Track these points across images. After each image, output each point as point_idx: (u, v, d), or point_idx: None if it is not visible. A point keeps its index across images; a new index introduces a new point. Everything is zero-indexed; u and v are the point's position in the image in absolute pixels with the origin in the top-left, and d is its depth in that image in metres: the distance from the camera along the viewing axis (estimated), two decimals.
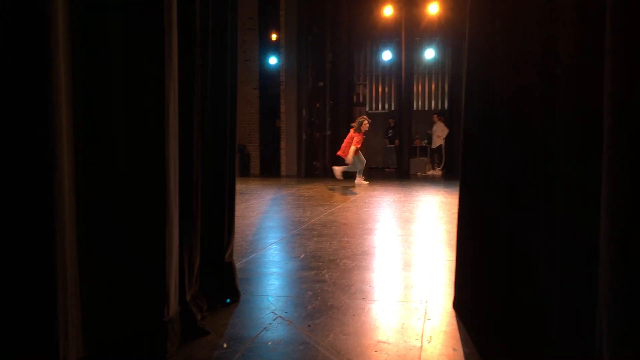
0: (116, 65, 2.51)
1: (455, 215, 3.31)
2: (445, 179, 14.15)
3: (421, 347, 2.83)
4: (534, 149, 2.53)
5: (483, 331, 2.97)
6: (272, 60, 15.33)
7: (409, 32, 16.47)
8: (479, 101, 3.15)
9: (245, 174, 15.08)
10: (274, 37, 15.17)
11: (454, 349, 2.81)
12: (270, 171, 15.32)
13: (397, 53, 16.89)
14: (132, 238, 2.57)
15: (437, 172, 16.30)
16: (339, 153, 12.39)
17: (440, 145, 16.68)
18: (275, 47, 15.23)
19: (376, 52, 18.06)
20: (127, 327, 2.56)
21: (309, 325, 3.13)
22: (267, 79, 15.40)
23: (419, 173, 16.05)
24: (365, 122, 12.24)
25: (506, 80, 2.86)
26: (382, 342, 2.90)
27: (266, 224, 6.98)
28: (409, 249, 5.38)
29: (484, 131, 3.08)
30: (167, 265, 2.66)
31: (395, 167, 17.40)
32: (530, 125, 2.54)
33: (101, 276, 2.47)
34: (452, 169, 16.62)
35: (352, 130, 12.25)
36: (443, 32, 16.75)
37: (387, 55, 17.18)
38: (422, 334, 3.02)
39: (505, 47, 2.86)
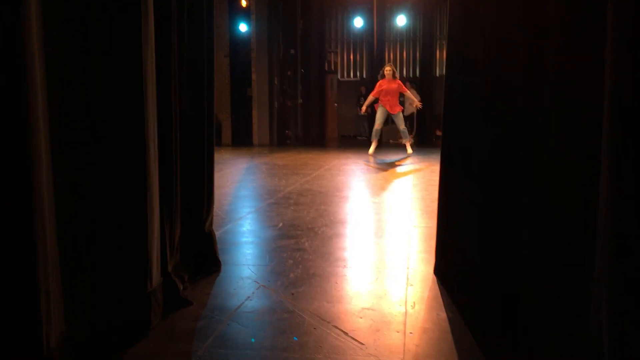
0: (94, 38, 2.41)
1: (429, 183, 3.32)
2: (417, 146, 14.21)
3: (405, 312, 2.86)
4: (516, 118, 2.52)
5: (464, 295, 3.00)
6: (243, 27, 15.03)
7: None
8: (459, 72, 3.13)
9: (217, 143, 14.84)
10: (244, 3, 14.85)
11: (437, 314, 2.84)
12: (242, 140, 15.17)
13: (369, 20, 16.74)
14: (113, 209, 2.51)
15: (410, 139, 16.34)
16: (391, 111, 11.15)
17: (412, 113, 16.71)
18: (245, 14, 14.93)
19: (348, 19, 17.84)
20: (110, 299, 2.52)
21: (292, 294, 3.13)
22: (238, 46, 15.11)
23: (390, 140, 16.08)
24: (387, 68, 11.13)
25: (486, 47, 2.84)
26: (366, 308, 2.91)
27: (242, 193, 6.93)
28: (386, 217, 5.41)
29: (465, 103, 3.07)
30: (149, 236, 2.61)
31: (367, 135, 17.39)
32: (513, 97, 2.53)
33: (82, 248, 2.41)
34: (423, 136, 16.71)
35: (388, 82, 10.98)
36: None
37: (358, 22, 16.98)
38: (406, 299, 3.04)
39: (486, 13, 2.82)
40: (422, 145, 14.59)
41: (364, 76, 18.16)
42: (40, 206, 2.05)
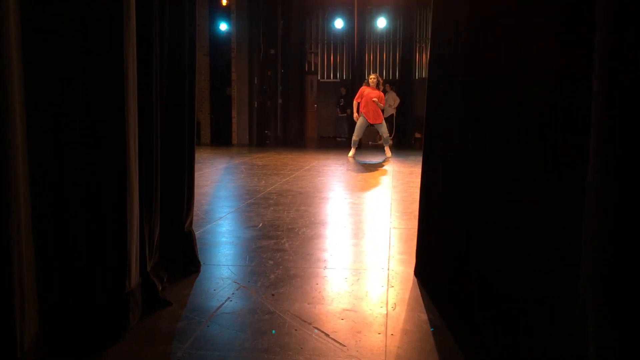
0: (74, 35, 2.37)
1: (408, 184, 3.33)
2: (396, 148, 14.26)
3: (386, 314, 2.85)
4: (501, 116, 2.54)
5: (445, 297, 3.01)
6: (223, 27, 14.94)
7: (361, 0, 16.36)
8: (442, 71, 3.15)
9: (196, 142, 14.78)
10: (224, 2, 14.76)
11: (418, 315, 2.84)
12: (221, 140, 15.08)
13: (349, 21, 16.77)
14: (92, 208, 2.46)
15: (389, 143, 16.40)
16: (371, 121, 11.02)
17: (392, 115, 16.77)
18: (225, 13, 14.84)
19: (328, 20, 17.84)
20: (87, 299, 2.47)
21: (273, 295, 3.11)
22: (218, 45, 15.02)
23: (370, 142, 16.13)
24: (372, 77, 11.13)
25: (468, 45, 2.85)
26: (347, 310, 2.90)
27: (221, 193, 6.88)
28: (365, 218, 5.41)
29: (448, 100, 3.08)
30: (128, 235, 2.57)
31: (347, 136, 17.40)
32: (497, 95, 2.54)
33: (59, 247, 2.37)
34: (402, 138, 16.78)
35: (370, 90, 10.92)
36: (395, 1, 16.71)
37: (339, 24, 16.99)
38: (387, 301, 3.04)
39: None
40: (401, 147, 14.65)
41: (344, 77, 18.18)
42: (15, 204, 2.00)
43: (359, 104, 11.07)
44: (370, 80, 11.04)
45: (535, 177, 2.14)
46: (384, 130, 11.29)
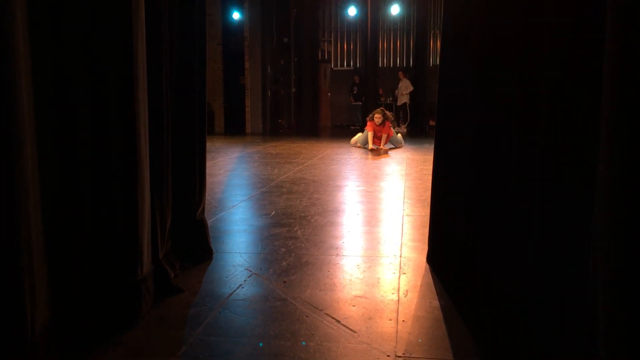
0: (85, 21, 2.37)
1: (421, 172, 3.31)
2: (410, 136, 14.20)
3: (398, 300, 2.85)
4: (512, 106, 2.50)
5: (457, 284, 2.99)
6: (236, 16, 14.91)
7: None
8: (454, 55, 3.11)
9: (210, 131, 14.80)
10: None
11: (430, 302, 2.83)
12: (234, 129, 15.10)
13: (363, 9, 16.66)
14: (104, 195, 2.48)
15: (402, 129, 16.35)
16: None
17: (405, 103, 16.69)
18: (238, 2, 14.81)
19: (341, 8, 17.74)
20: (98, 285, 2.49)
21: (285, 282, 3.11)
22: (231, 34, 15.00)
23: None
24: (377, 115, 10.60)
25: (481, 33, 2.81)
26: (359, 296, 2.90)
27: (234, 181, 6.89)
28: (378, 205, 5.39)
29: (461, 86, 3.05)
30: (140, 223, 2.58)
31: (361, 124, 17.35)
32: (508, 84, 2.50)
33: (71, 234, 2.38)
34: (416, 126, 16.69)
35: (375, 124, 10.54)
36: None
37: (352, 11, 16.90)
38: (398, 287, 3.03)
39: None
40: (415, 135, 14.58)
41: (358, 65, 18.10)
42: (24, 185, 2.00)
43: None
44: (375, 118, 10.54)
45: (544, 175, 2.11)
46: (398, 140, 11.11)
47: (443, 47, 3.31)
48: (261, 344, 2.36)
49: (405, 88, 16.48)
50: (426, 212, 4.08)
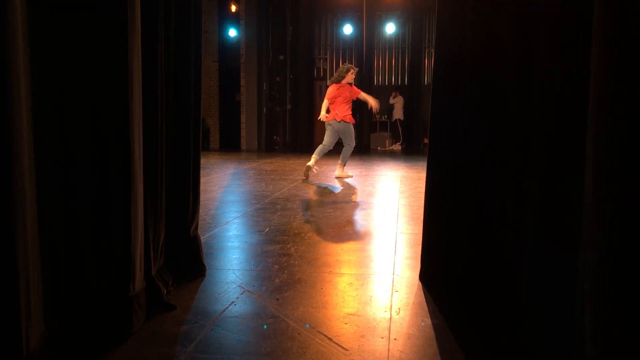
0: (80, 40, 2.40)
1: (416, 190, 3.32)
2: (405, 153, 14.26)
3: (390, 318, 2.85)
4: (505, 120, 2.53)
5: (450, 302, 3.00)
6: (232, 33, 15.02)
7: (370, 6, 16.40)
8: (447, 74, 3.14)
9: (205, 148, 14.85)
10: (233, 8, 14.84)
11: (422, 320, 2.83)
12: (230, 145, 15.13)
13: (358, 27, 16.80)
14: (97, 211, 2.48)
15: (397, 146, 16.43)
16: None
17: (398, 120, 16.79)
18: (234, 19, 14.92)
19: (337, 26, 17.87)
20: (91, 301, 2.49)
21: (277, 299, 3.11)
22: (227, 51, 15.10)
23: (379, 148, 16.15)
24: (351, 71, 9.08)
25: (473, 48, 2.85)
26: (351, 314, 2.90)
27: (228, 198, 6.90)
28: (372, 223, 5.40)
29: (453, 105, 3.08)
30: (133, 239, 2.58)
31: (356, 142, 17.42)
32: (502, 96, 2.53)
33: (64, 250, 2.38)
34: (410, 144, 16.77)
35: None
36: (404, 7, 16.72)
37: (348, 29, 17.03)
38: (391, 306, 3.03)
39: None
40: (409, 152, 14.63)
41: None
42: (21, 201, 2.01)
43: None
44: (348, 76, 9.31)
45: (540, 184, 2.13)
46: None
47: (436, 67, 3.34)
48: None
49: (400, 106, 16.60)
50: (420, 229, 4.09)
